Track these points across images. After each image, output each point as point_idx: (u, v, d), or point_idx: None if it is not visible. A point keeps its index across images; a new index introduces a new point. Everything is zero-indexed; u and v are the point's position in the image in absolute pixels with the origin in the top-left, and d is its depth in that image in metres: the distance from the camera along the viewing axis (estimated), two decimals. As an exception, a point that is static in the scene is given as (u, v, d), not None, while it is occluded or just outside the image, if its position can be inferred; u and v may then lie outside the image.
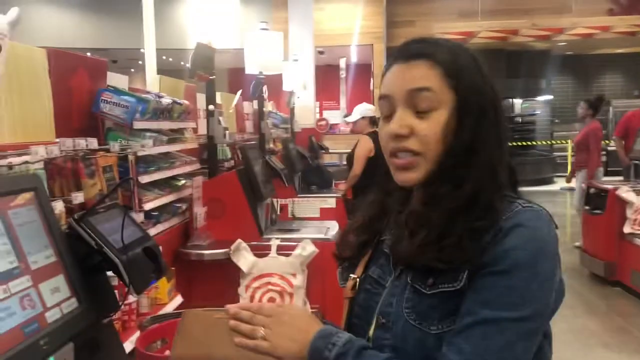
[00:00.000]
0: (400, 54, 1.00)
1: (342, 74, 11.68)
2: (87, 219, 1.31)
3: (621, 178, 6.63)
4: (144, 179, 2.67)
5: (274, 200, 4.02)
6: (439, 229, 0.91)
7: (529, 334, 0.87)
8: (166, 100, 3.02)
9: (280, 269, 3.10)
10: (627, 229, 5.07)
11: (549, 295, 0.90)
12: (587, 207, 5.78)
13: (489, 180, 0.94)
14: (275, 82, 5.80)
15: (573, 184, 7.23)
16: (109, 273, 1.38)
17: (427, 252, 0.91)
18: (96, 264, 1.33)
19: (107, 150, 2.40)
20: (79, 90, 2.51)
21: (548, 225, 0.92)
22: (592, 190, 5.74)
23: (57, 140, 2.06)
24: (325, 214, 4.74)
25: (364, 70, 11.91)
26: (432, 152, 0.95)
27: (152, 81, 3.66)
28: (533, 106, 14.24)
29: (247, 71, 4.27)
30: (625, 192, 5.10)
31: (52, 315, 1.14)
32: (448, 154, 0.95)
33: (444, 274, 0.91)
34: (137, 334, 1.97)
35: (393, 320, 0.96)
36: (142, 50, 5.97)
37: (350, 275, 1.08)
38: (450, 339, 0.89)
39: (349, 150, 5.47)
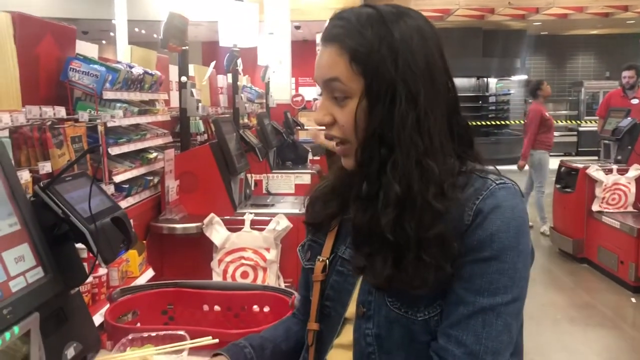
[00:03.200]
0: (323, 32, 0.97)
1: (319, 49, 11.54)
2: (53, 187, 1.27)
3: (595, 158, 6.75)
4: (114, 150, 2.61)
5: (248, 175, 3.99)
6: (390, 248, 0.88)
7: (519, 313, 0.88)
8: (137, 70, 2.95)
9: (254, 244, 3.08)
10: (595, 207, 5.17)
11: (529, 269, 0.90)
12: (557, 186, 5.87)
13: (417, 174, 0.86)
14: (250, 56, 5.72)
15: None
16: (78, 245, 1.35)
17: (392, 279, 0.88)
18: (63, 234, 1.29)
19: (76, 120, 2.34)
20: (47, 58, 2.44)
21: (522, 201, 0.91)
22: (563, 169, 5.83)
23: (23, 108, 2.00)
24: (300, 190, 4.73)
25: (340, 46, 11.77)
26: (354, 141, 0.93)
27: (123, 51, 3.57)
28: (507, 86, 14.35)
29: (221, 44, 4.18)
30: (595, 171, 5.19)
31: (16, 285, 1.11)
32: (365, 144, 0.91)
33: None
34: (107, 306, 1.94)
35: (375, 309, 0.92)
36: (113, 21, 5.82)
37: (318, 257, 1.03)
38: (447, 330, 0.86)
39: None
